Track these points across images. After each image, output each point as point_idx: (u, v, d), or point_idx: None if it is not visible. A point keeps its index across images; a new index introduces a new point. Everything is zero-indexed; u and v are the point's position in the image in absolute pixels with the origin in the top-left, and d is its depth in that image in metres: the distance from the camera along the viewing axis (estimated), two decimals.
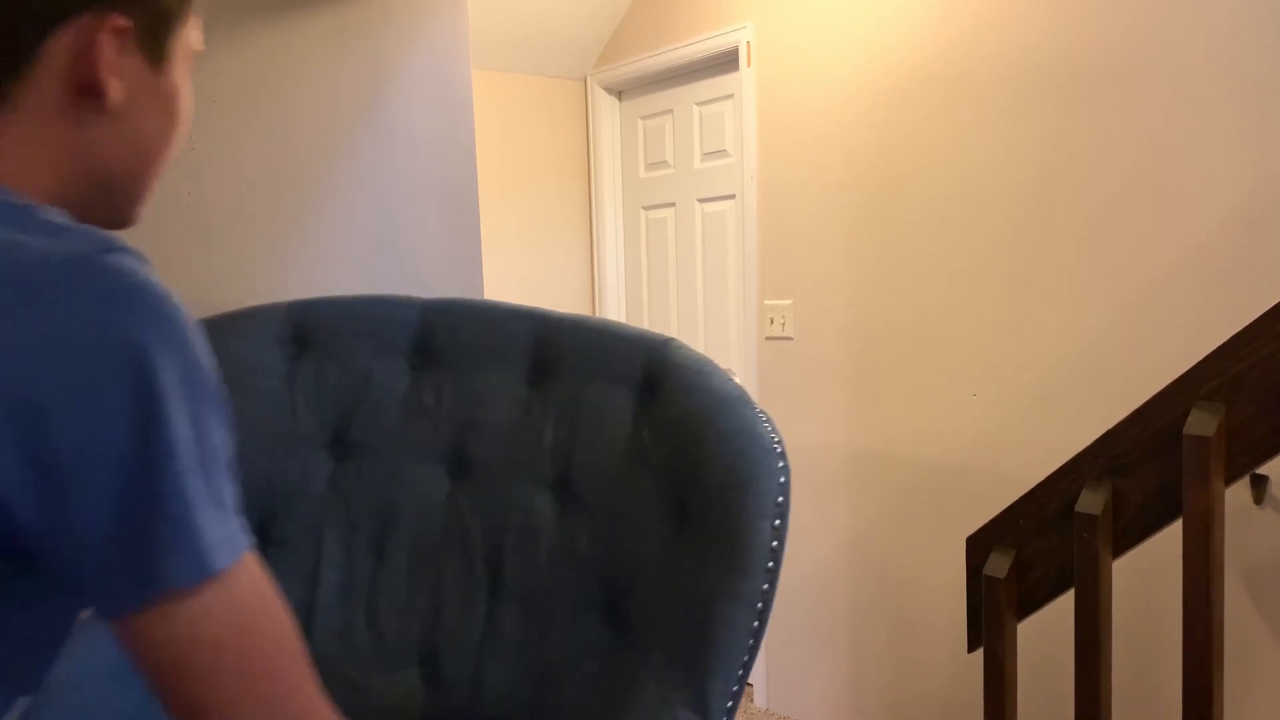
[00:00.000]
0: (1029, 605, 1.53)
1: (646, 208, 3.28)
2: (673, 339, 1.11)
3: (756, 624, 0.98)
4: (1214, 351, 1.25)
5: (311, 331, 1.26)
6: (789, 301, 2.71)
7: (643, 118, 3.25)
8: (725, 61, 2.88)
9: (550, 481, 1.14)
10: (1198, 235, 1.87)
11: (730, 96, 2.91)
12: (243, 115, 1.74)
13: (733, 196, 2.94)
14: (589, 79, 3.32)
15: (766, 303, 2.78)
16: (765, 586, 0.97)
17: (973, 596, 1.60)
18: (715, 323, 3.05)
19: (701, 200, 3.06)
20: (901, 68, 2.35)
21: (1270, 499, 1.78)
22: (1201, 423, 1.25)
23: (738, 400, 1.03)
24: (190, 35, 0.64)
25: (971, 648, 1.62)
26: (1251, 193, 1.79)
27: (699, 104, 3.03)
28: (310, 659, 0.59)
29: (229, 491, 0.55)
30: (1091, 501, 1.38)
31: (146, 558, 0.51)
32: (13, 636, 0.57)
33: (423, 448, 1.17)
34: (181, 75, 0.64)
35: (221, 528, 0.53)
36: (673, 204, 3.17)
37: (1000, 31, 2.15)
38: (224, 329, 1.20)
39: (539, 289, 3.28)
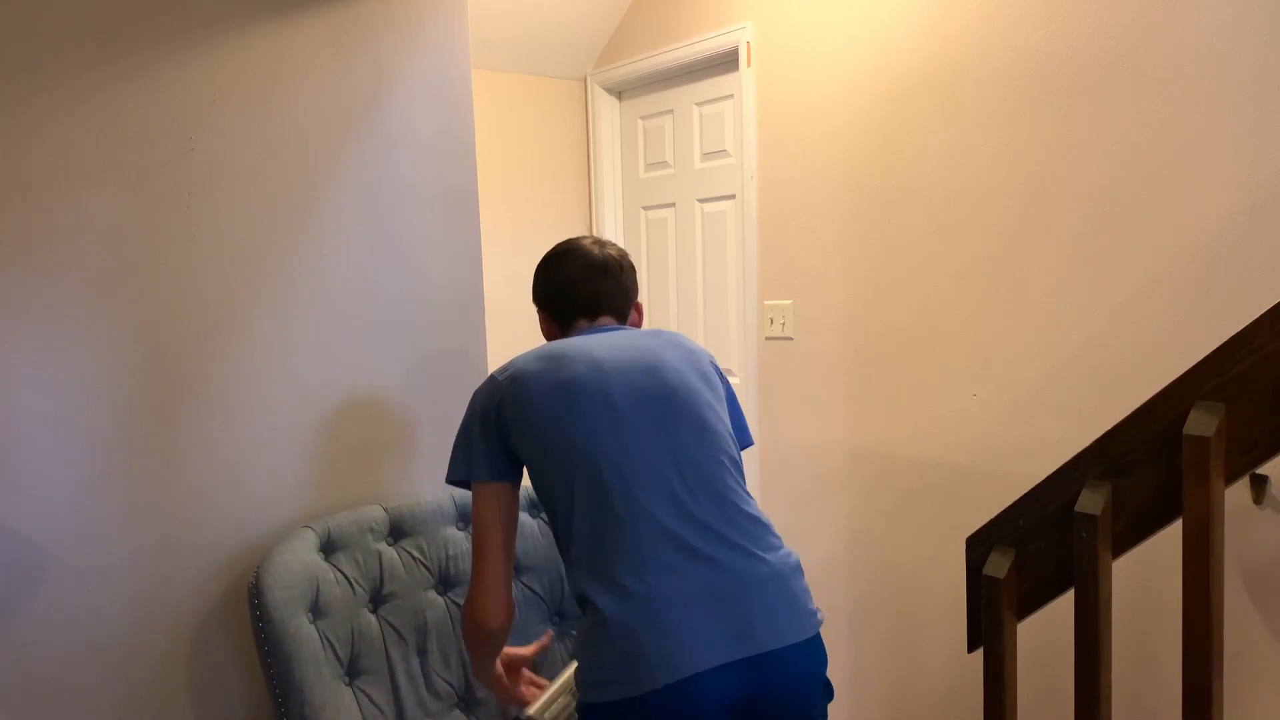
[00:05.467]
0: (1029, 605, 1.53)
1: (646, 208, 3.28)
2: None
3: None
4: (1214, 351, 1.25)
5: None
6: (789, 301, 2.71)
7: (643, 118, 3.25)
8: (725, 61, 2.89)
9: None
10: (1197, 234, 1.87)
11: (730, 96, 2.91)
12: (243, 116, 1.74)
13: (733, 196, 2.94)
14: (589, 79, 3.32)
15: (766, 303, 2.78)
16: None
17: (973, 596, 1.60)
18: (715, 323, 3.05)
19: (701, 200, 3.06)
20: (901, 68, 2.35)
21: (1270, 499, 1.78)
22: (1201, 423, 1.25)
23: None
24: None
25: (971, 648, 1.62)
26: (1251, 192, 1.79)
27: (699, 104, 3.03)
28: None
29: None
30: (1091, 501, 1.38)
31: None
32: None
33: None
34: None
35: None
36: (673, 204, 3.17)
37: (1000, 32, 2.15)
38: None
39: None
